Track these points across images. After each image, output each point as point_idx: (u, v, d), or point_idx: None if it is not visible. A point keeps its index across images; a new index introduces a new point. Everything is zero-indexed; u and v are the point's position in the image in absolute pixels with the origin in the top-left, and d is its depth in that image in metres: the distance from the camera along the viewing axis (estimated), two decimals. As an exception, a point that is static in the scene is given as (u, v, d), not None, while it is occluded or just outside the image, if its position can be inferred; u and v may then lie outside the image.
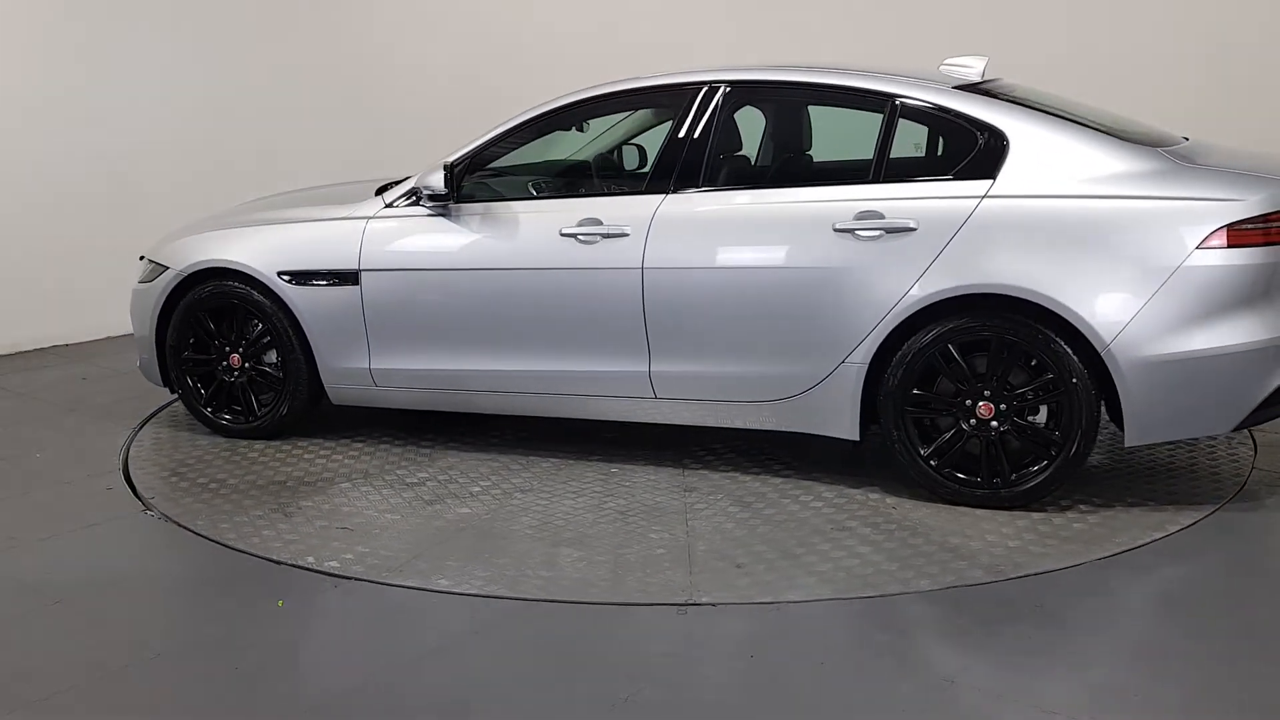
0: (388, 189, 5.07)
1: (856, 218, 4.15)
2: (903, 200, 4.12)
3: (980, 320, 4.02)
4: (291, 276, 4.99)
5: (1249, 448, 4.69)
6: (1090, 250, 3.90)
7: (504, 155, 4.94)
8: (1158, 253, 3.84)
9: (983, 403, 4.06)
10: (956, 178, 4.12)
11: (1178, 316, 3.83)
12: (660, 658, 3.24)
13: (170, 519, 4.36)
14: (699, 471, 4.64)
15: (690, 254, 4.39)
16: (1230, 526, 4.00)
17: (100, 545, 4.17)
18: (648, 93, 4.85)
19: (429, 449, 5.03)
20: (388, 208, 4.93)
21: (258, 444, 5.17)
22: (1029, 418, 4.06)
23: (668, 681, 3.10)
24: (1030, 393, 4.02)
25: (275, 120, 8.06)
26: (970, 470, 4.13)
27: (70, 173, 7.25)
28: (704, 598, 3.55)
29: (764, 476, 4.55)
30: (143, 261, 5.47)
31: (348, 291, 4.91)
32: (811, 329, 4.21)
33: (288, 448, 5.11)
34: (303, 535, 4.17)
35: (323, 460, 4.95)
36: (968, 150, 4.14)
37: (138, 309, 5.39)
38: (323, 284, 4.94)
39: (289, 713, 3.04)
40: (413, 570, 3.84)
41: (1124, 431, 3.97)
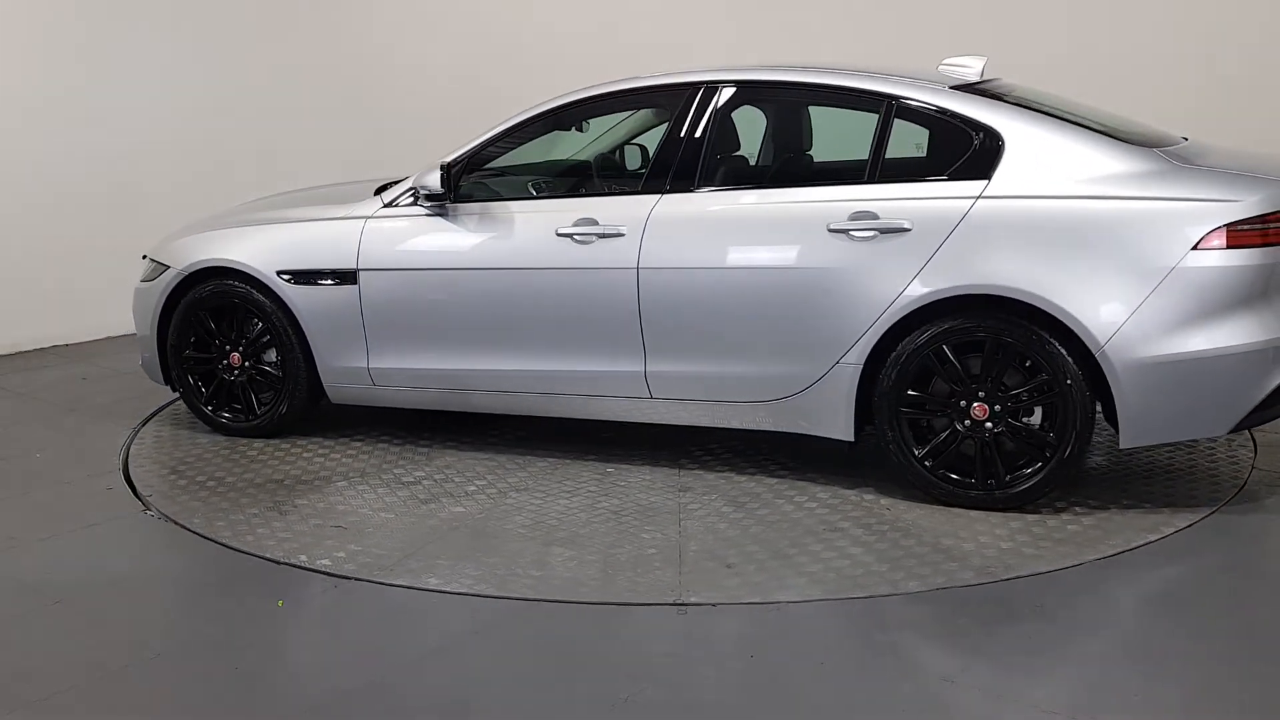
0: (386, 189, 5.09)
1: (851, 218, 4.15)
2: (897, 201, 4.12)
3: (975, 321, 4.01)
4: (291, 276, 5.01)
5: (1249, 449, 4.67)
6: (1085, 251, 3.89)
7: (502, 155, 4.95)
8: (1153, 253, 3.82)
9: (977, 404, 4.05)
10: (951, 178, 4.11)
11: (1173, 318, 3.81)
12: (660, 658, 3.24)
13: (168, 517, 4.37)
14: (694, 472, 4.64)
15: (685, 254, 4.39)
16: (1227, 528, 3.98)
17: (100, 545, 4.17)
18: (644, 93, 4.85)
19: (427, 448, 5.04)
20: (386, 207, 4.95)
21: (257, 442, 5.19)
22: (1023, 419, 4.05)
23: (668, 681, 3.11)
24: (1024, 394, 4.02)
25: (275, 120, 8.06)
26: (965, 471, 4.12)
27: (70, 173, 7.26)
28: (692, 597, 3.55)
29: (759, 477, 4.55)
30: (145, 261, 5.50)
31: (346, 291, 4.92)
32: (806, 329, 4.21)
33: (287, 446, 5.13)
34: (296, 534, 4.18)
35: (321, 459, 4.96)
36: (963, 150, 4.13)
37: (140, 308, 5.42)
38: (321, 283, 4.96)
39: (289, 713, 3.04)
40: (403, 569, 3.85)
41: (1119, 433, 3.96)
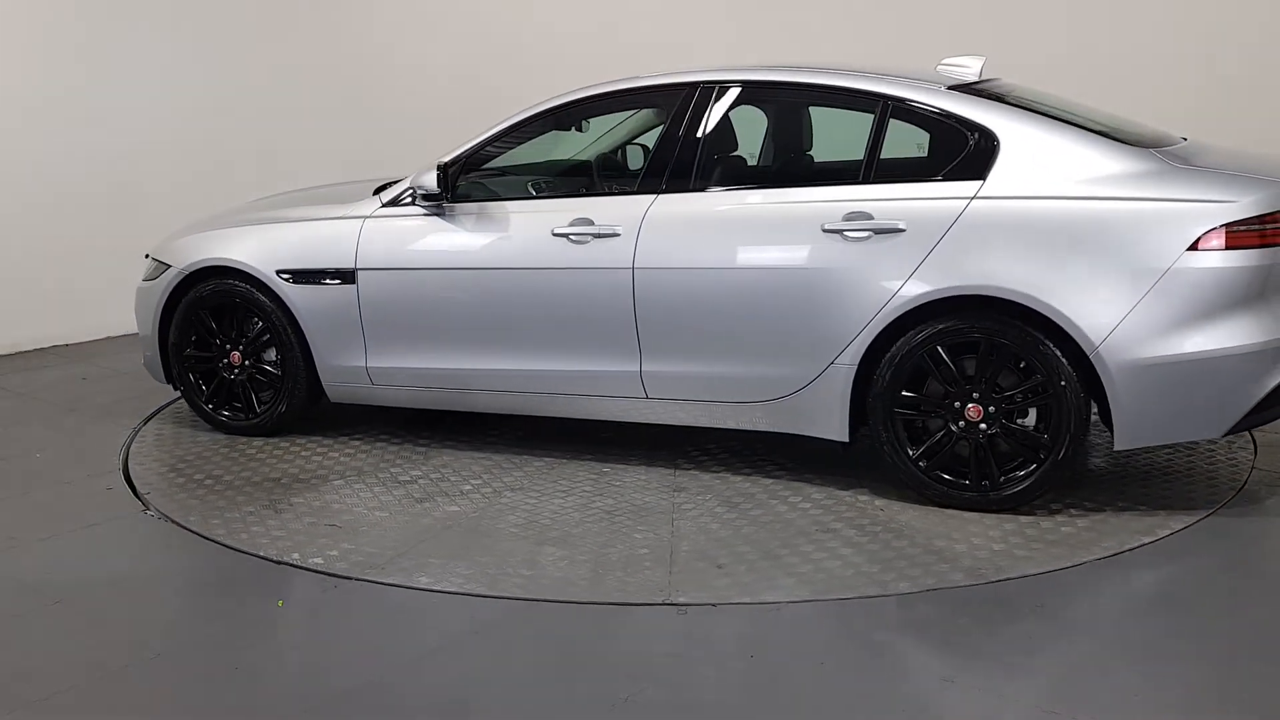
0: (385, 189, 5.10)
1: (845, 218, 4.14)
2: (892, 201, 4.11)
3: (969, 322, 4.01)
4: (290, 275, 5.02)
5: (1249, 451, 4.65)
6: (1080, 252, 3.88)
7: (499, 155, 4.96)
8: (1148, 254, 3.81)
9: (971, 405, 4.04)
10: (946, 178, 4.10)
11: (1168, 319, 3.79)
12: (660, 658, 3.24)
13: (166, 516, 4.38)
14: (690, 472, 4.64)
15: (680, 254, 4.39)
16: (1224, 530, 3.96)
17: (100, 545, 4.17)
18: (641, 93, 4.85)
19: (425, 447, 5.05)
20: (384, 207, 4.96)
21: (257, 441, 5.21)
22: (1018, 420, 4.04)
23: (668, 681, 3.10)
24: (1019, 395, 4.01)
25: (275, 120, 8.07)
26: (959, 473, 4.11)
27: (70, 173, 7.27)
28: (681, 597, 3.55)
29: (755, 477, 4.55)
30: (147, 260, 5.52)
31: (344, 290, 4.93)
32: (800, 330, 4.21)
33: (285, 445, 5.14)
34: (291, 532, 4.19)
35: (319, 457, 4.97)
36: (958, 151, 4.12)
37: (141, 306, 5.45)
38: (320, 283, 4.97)
39: (289, 713, 3.04)
40: (395, 568, 3.85)
41: (1113, 435, 3.95)
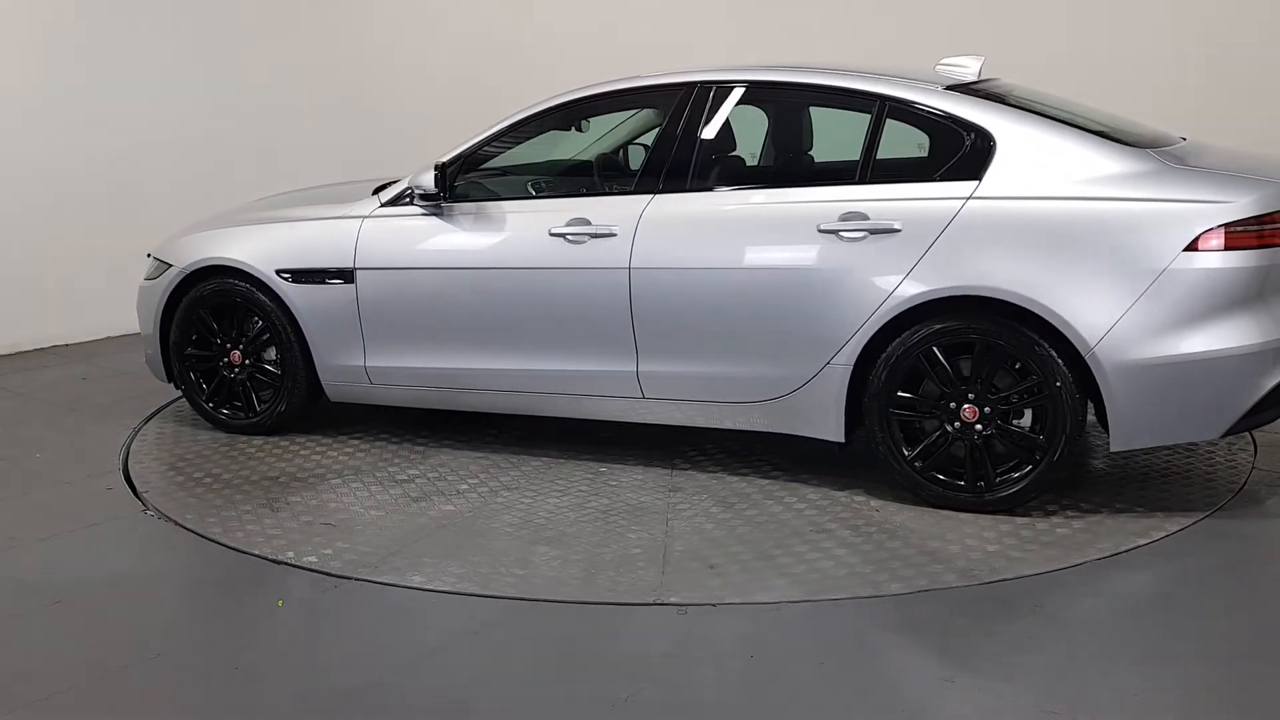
0: (384, 189, 5.10)
1: (841, 219, 4.14)
2: (887, 201, 4.11)
3: (964, 322, 4.00)
4: (289, 274, 5.04)
5: (1249, 453, 4.62)
6: (1075, 252, 3.87)
7: (497, 155, 4.96)
8: (1144, 255, 3.79)
9: (967, 405, 4.03)
10: (943, 179, 4.09)
11: (1164, 320, 3.78)
12: (660, 658, 3.24)
13: (164, 514, 4.39)
14: (687, 472, 4.64)
15: (676, 254, 4.39)
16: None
17: (100, 545, 4.18)
18: (639, 93, 4.85)
19: (423, 446, 5.06)
20: (383, 207, 4.98)
21: (256, 439, 5.22)
22: (1014, 421, 4.03)
23: (668, 681, 3.10)
24: (1014, 396, 4.00)
25: (275, 120, 8.07)
26: (954, 473, 4.11)
27: (70, 173, 7.27)
28: (673, 597, 3.55)
29: (751, 478, 4.54)
30: (149, 259, 5.54)
31: (343, 290, 4.94)
32: (796, 330, 4.20)
33: (285, 443, 5.16)
34: (286, 530, 4.20)
35: (318, 456, 4.98)
36: (955, 151, 4.12)
37: (143, 305, 5.47)
38: (319, 282, 4.98)
39: (289, 713, 3.04)
40: (388, 567, 3.86)
41: (1109, 436, 3.94)
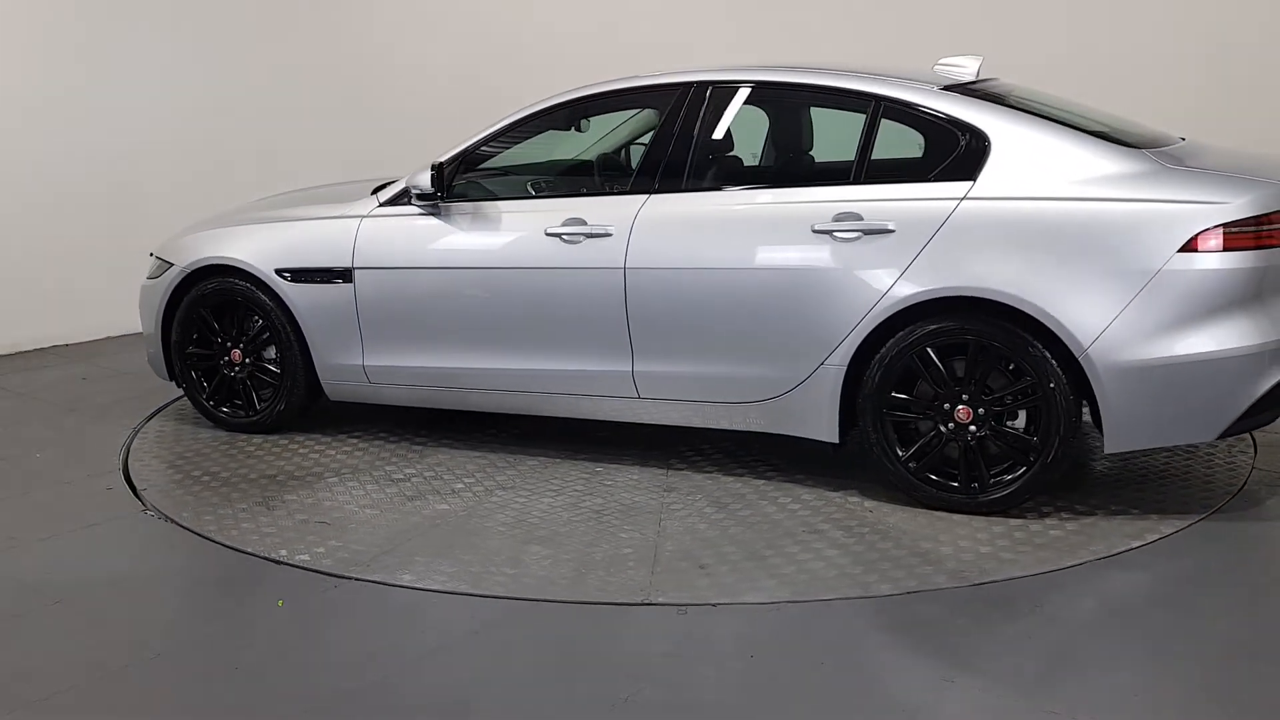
0: (383, 189, 5.11)
1: (835, 219, 4.13)
2: (881, 202, 4.10)
3: (958, 323, 3.99)
4: (289, 274, 5.05)
5: (1249, 455, 4.60)
6: (1069, 253, 3.85)
7: (495, 155, 4.97)
8: (1138, 256, 3.78)
9: (961, 406, 4.02)
10: (937, 179, 4.08)
11: (1158, 321, 3.76)
12: (660, 658, 3.24)
13: (161, 512, 4.41)
14: (682, 472, 4.64)
15: (671, 254, 4.39)
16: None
17: (100, 545, 4.18)
18: (635, 93, 4.85)
19: (421, 445, 5.07)
20: (381, 207, 4.99)
21: (256, 438, 5.24)
22: (1008, 422, 4.02)
23: (668, 681, 3.10)
24: (1008, 397, 3.99)
25: (275, 120, 8.09)
26: (948, 474, 4.10)
27: (70, 173, 7.29)
28: (660, 597, 3.55)
29: (746, 478, 4.54)
30: (151, 258, 5.56)
31: (342, 289, 4.95)
32: (790, 330, 4.20)
33: (284, 442, 5.17)
34: (281, 529, 4.21)
35: (316, 455, 5.00)
36: (949, 151, 4.11)
37: (145, 304, 5.50)
38: (318, 281, 4.99)
39: (289, 713, 3.04)
40: (379, 565, 3.87)
41: (1103, 438, 3.92)
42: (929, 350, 4.03)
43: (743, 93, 4.62)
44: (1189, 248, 3.74)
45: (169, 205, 7.24)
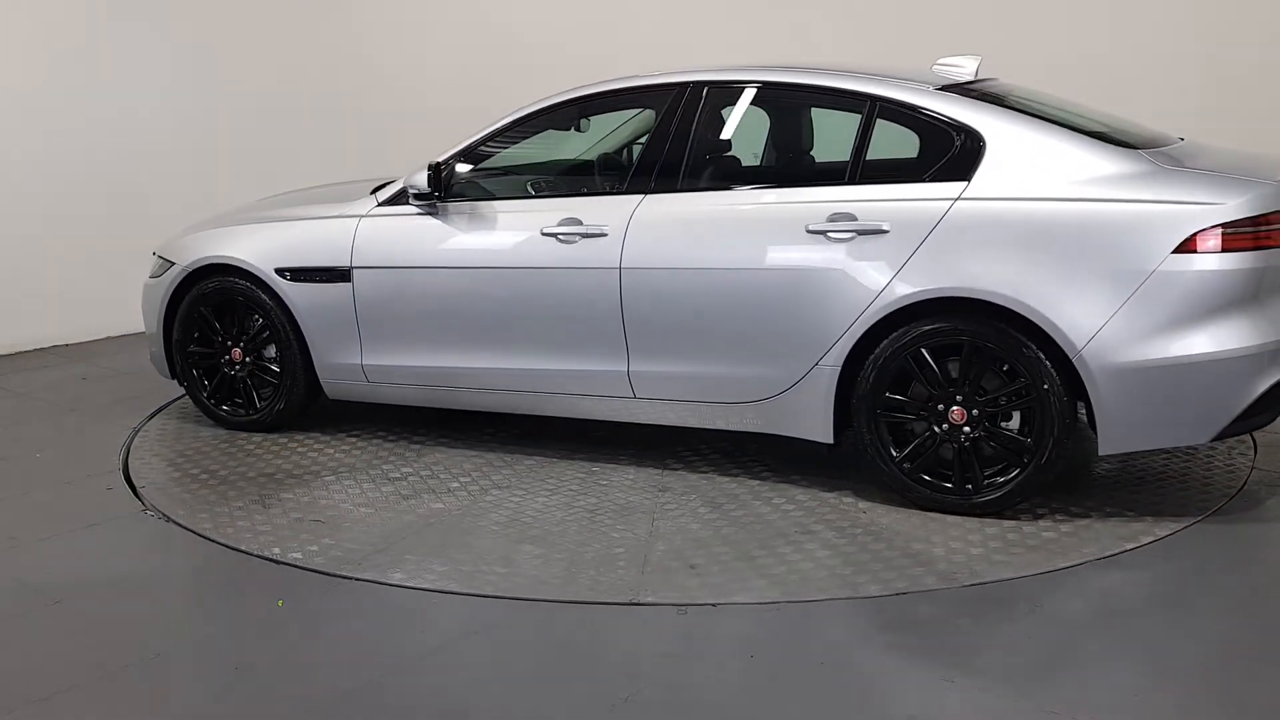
0: (382, 188, 5.12)
1: (829, 219, 4.13)
2: (876, 202, 4.09)
3: (952, 324, 3.98)
4: (288, 273, 5.07)
5: (1249, 457, 4.58)
6: (1063, 254, 3.84)
7: (492, 155, 4.97)
8: (1132, 257, 3.76)
9: (955, 407, 4.02)
10: (932, 179, 4.08)
11: (1153, 323, 3.74)
12: (660, 658, 3.23)
13: (156, 508, 4.42)
14: (678, 472, 4.64)
15: (666, 254, 4.39)
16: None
17: (100, 545, 4.19)
18: (631, 93, 4.85)
19: (419, 444, 5.08)
20: (379, 206, 5.00)
21: (256, 436, 5.25)
22: (1002, 424, 4.01)
23: (668, 681, 3.10)
24: (1002, 398, 3.98)
25: (275, 120, 8.10)
26: (942, 475, 4.09)
27: (70, 173, 7.30)
28: (649, 597, 3.55)
29: (741, 478, 4.54)
30: (154, 257, 5.58)
31: (340, 288, 4.97)
32: (784, 330, 4.20)
33: (284, 440, 5.19)
34: (275, 527, 4.22)
35: (314, 454, 5.01)
36: (944, 151, 4.10)
37: (147, 303, 5.52)
38: (317, 281, 5.01)
39: (289, 713, 3.03)
40: (370, 564, 3.87)
41: (1098, 439, 3.90)
42: (923, 351, 4.02)
43: (738, 93, 4.62)
44: (1185, 248, 3.72)
45: (169, 205, 7.25)
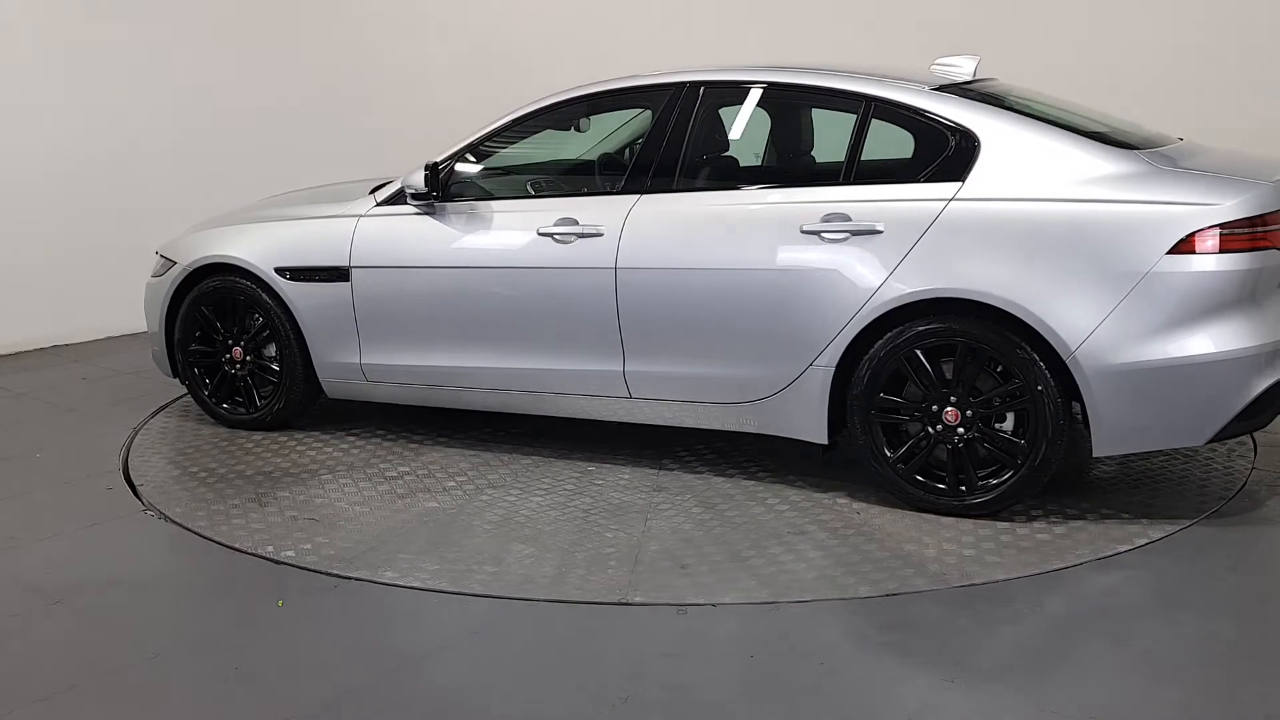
0: (381, 188, 5.13)
1: (823, 219, 4.13)
2: (870, 202, 4.09)
3: (947, 324, 3.97)
4: (288, 273, 5.09)
5: (1248, 459, 4.55)
6: (1058, 254, 3.83)
7: (490, 155, 4.98)
8: (1127, 258, 3.74)
9: (949, 408, 4.01)
10: (926, 180, 4.07)
11: (1148, 324, 3.72)
12: (660, 658, 3.23)
13: (154, 506, 4.43)
14: (674, 472, 4.64)
15: (661, 254, 4.39)
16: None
17: (100, 545, 4.19)
18: (628, 93, 4.85)
19: (417, 443, 5.09)
20: (378, 206, 5.01)
21: (256, 435, 5.27)
22: (996, 425, 4.00)
23: (667, 681, 3.10)
24: (996, 399, 3.97)
25: (276, 120, 8.11)
26: (936, 476, 4.08)
27: (70, 173, 7.31)
28: (637, 597, 3.55)
29: (737, 479, 4.54)
30: (157, 256, 5.61)
31: (339, 288, 4.98)
32: (779, 331, 4.19)
33: (283, 439, 5.20)
34: (270, 525, 4.22)
35: (313, 452, 5.02)
36: (939, 152, 4.09)
37: (149, 302, 5.54)
38: (316, 280, 5.02)
39: (289, 713, 3.03)
40: (363, 563, 3.88)
41: (1092, 441, 3.89)
42: (917, 352, 4.01)
43: (734, 93, 4.62)
44: (1182, 249, 3.70)
45: (169, 205, 7.26)
